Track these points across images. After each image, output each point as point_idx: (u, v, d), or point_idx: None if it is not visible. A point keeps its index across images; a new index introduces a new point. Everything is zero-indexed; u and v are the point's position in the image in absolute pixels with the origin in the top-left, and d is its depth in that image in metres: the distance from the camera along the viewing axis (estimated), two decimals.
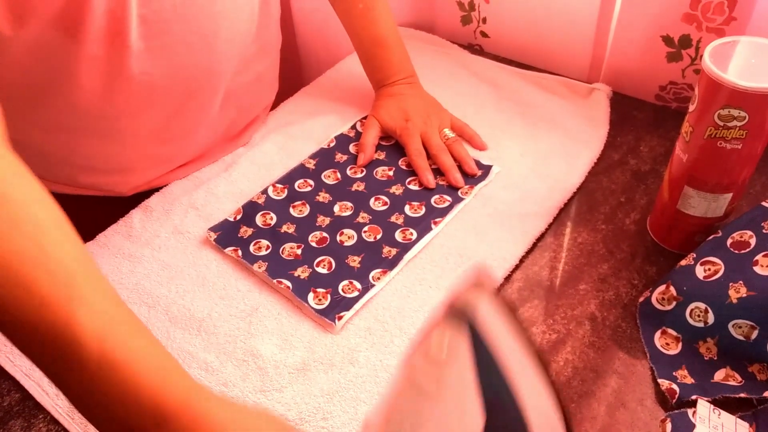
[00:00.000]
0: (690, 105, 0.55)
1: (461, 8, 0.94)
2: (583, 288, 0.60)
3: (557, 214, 0.67)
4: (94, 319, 0.34)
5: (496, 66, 0.89)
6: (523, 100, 0.82)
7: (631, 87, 0.83)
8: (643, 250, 0.63)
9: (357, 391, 0.52)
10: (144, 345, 0.37)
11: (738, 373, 0.52)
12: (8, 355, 0.57)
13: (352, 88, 0.86)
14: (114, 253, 0.65)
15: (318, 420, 0.51)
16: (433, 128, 0.75)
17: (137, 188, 0.73)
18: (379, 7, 0.77)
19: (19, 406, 0.54)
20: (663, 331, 0.55)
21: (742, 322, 0.51)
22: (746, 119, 0.51)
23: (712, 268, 0.54)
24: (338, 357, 0.55)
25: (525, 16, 0.87)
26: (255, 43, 0.71)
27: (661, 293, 0.56)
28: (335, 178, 0.72)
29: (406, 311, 0.58)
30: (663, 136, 0.76)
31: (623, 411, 0.51)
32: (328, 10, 0.81)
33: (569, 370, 0.54)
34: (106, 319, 0.35)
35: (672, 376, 0.52)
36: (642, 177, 0.71)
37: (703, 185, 0.57)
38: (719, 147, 0.53)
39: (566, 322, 0.57)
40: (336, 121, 0.81)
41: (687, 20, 0.73)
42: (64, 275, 0.34)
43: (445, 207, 0.68)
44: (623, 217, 0.67)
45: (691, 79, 0.78)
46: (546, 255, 0.64)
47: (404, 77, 0.79)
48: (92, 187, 0.72)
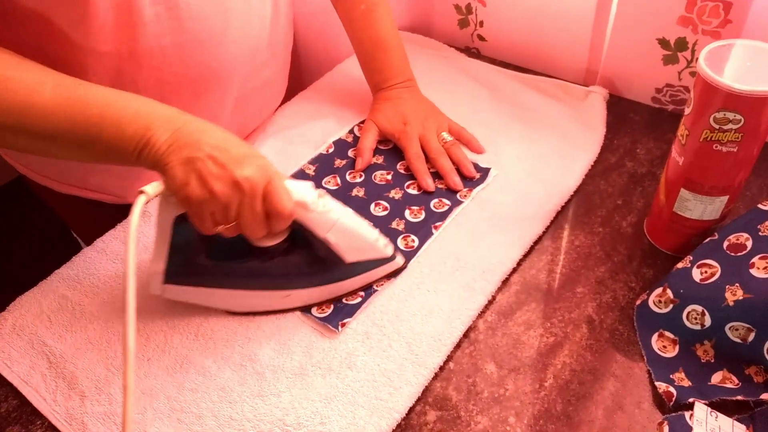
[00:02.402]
0: (686, 108, 0.55)
1: (458, 11, 0.94)
2: (580, 291, 0.60)
3: (554, 217, 0.67)
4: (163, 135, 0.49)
5: (493, 69, 0.89)
6: (520, 104, 0.82)
7: (627, 89, 0.84)
8: (640, 252, 0.63)
9: (355, 396, 0.52)
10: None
11: (735, 376, 0.52)
12: (5, 361, 0.57)
13: (350, 92, 0.86)
14: (112, 259, 0.65)
15: (316, 425, 0.51)
16: (431, 132, 0.75)
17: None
18: (381, 9, 0.77)
19: (17, 413, 0.54)
20: (660, 334, 0.55)
21: (739, 324, 0.51)
22: (742, 122, 0.51)
23: (708, 271, 0.54)
24: (336, 361, 0.55)
25: (522, 19, 0.87)
26: (267, 48, 0.71)
27: (658, 296, 0.56)
28: (335, 184, 0.72)
29: (404, 315, 0.58)
30: (659, 138, 0.77)
31: (621, 414, 0.51)
32: (327, 14, 0.81)
33: (567, 373, 0.54)
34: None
35: (669, 379, 0.52)
36: (638, 180, 0.72)
37: (699, 188, 0.57)
38: (715, 150, 0.53)
39: (564, 325, 0.58)
40: (334, 125, 0.81)
41: (683, 23, 0.73)
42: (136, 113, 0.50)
43: (445, 211, 0.68)
44: (620, 220, 0.67)
45: (687, 81, 0.78)
46: (543, 258, 0.64)
47: (402, 81, 0.79)
48: (102, 191, 0.73)
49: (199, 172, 0.48)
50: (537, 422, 0.51)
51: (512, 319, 0.58)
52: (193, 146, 0.48)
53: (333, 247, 0.55)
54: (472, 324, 0.58)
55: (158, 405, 0.53)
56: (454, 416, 0.52)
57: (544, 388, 0.53)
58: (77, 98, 0.50)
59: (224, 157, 0.48)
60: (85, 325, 0.59)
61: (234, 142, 0.51)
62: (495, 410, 0.52)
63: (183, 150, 0.48)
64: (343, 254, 0.56)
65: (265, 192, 0.50)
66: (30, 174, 0.76)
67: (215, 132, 0.50)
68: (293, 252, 0.57)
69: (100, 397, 0.54)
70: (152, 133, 0.49)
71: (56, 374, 0.56)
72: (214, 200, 0.48)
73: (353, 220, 0.57)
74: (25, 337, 0.59)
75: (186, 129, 0.49)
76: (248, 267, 0.57)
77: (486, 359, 0.55)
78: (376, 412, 0.51)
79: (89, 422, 0.52)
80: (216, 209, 0.49)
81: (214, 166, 0.48)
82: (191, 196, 0.48)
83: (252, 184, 0.49)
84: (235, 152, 0.49)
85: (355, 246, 0.56)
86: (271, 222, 0.51)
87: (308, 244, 0.56)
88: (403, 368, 0.54)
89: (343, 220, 0.55)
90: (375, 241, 0.58)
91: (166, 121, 0.49)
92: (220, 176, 0.48)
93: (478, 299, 0.59)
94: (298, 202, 0.52)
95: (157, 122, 0.49)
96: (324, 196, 0.54)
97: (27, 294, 0.63)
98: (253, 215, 0.50)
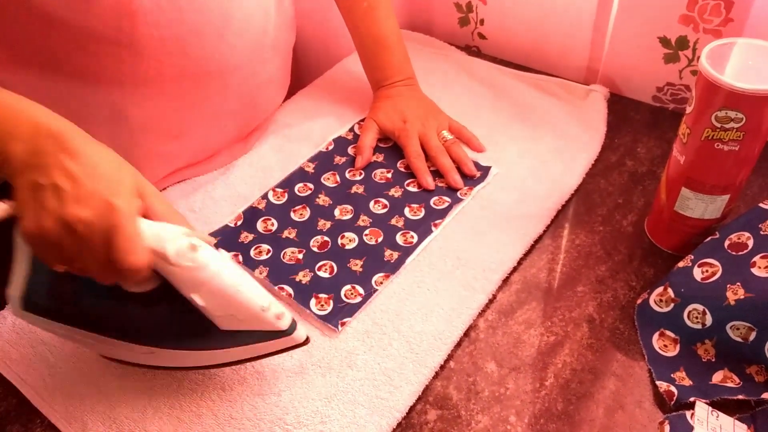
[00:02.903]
0: (687, 106, 0.55)
1: (459, 10, 0.94)
2: (581, 290, 0.60)
3: (555, 216, 0.67)
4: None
5: (493, 68, 0.89)
6: (520, 102, 0.82)
7: (628, 88, 0.83)
8: (641, 251, 0.63)
9: (355, 395, 0.52)
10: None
11: (736, 375, 0.52)
12: (5, 360, 0.57)
13: (350, 90, 0.86)
14: None
15: (316, 424, 0.51)
16: (432, 130, 0.75)
17: None
18: (383, 7, 0.77)
19: (16, 412, 0.54)
20: (661, 333, 0.55)
21: (740, 323, 0.51)
22: (743, 121, 0.51)
23: (709, 270, 0.54)
24: (336, 360, 0.55)
25: (522, 17, 0.87)
26: (269, 43, 0.71)
27: (659, 295, 0.56)
28: (334, 181, 0.72)
29: (404, 314, 0.58)
30: (660, 137, 0.77)
31: (621, 413, 0.51)
32: (327, 11, 0.81)
33: (567, 372, 0.54)
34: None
35: (670, 378, 0.52)
36: (639, 178, 0.71)
37: (700, 187, 0.57)
38: (716, 149, 0.53)
39: (564, 324, 0.57)
40: (334, 123, 0.81)
41: (684, 21, 0.73)
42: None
43: (444, 208, 0.68)
44: (621, 219, 0.67)
45: (688, 80, 0.78)
46: (544, 257, 0.64)
47: (403, 79, 0.79)
48: None
49: (39, 203, 0.41)
50: (537, 421, 0.51)
51: (513, 318, 0.58)
52: (45, 170, 0.42)
53: (201, 310, 0.46)
54: (472, 323, 0.58)
55: (157, 404, 0.53)
56: (454, 415, 0.52)
57: (544, 387, 0.53)
58: None
59: (69, 190, 0.41)
60: None
61: (100, 170, 0.43)
62: (495, 409, 0.52)
63: (33, 172, 0.42)
64: (215, 320, 0.47)
65: (108, 239, 0.42)
66: None
67: (87, 154, 0.43)
68: (164, 304, 0.48)
69: (100, 396, 0.53)
70: (10, 147, 0.42)
71: (56, 373, 0.55)
72: (43, 238, 0.42)
73: (235, 281, 0.46)
74: (24, 336, 0.58)
75: (51, 147, 0.42)
76: (111, 311, 0.49)
77: (486, 358, 0.55)
78: (377, 411, 0.51)
79: (89, 421, 0.52)
80: (49, 248, 0.43)
81: (51, 199, 0.41)
82: (24, 229, 0.42)
83: (89, 227, 0.41)
84: (86, 185, 0.42)
85: (231, 313, 0.47)
86: (118, 272, 0.43)
87: (179, 300, 0.46)
88: (404, 367, 0.54)
89: (219, 279, 0.45)
90: (261, 311, 0.47)
91: (33, 135, 0.43)
92: (52, 212, 0.41)
93: (479, 298, 0.59)
94: (156, 251, 0.43)
95: (22, 134, 0.43)
96: (198, 248, 0.44)
97: None
98: (93, 261, 0.43)
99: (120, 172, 0.45)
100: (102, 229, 0.42)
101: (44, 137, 0.43)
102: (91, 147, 0.44)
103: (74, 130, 0.44)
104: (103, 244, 0.42)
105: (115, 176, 0.44)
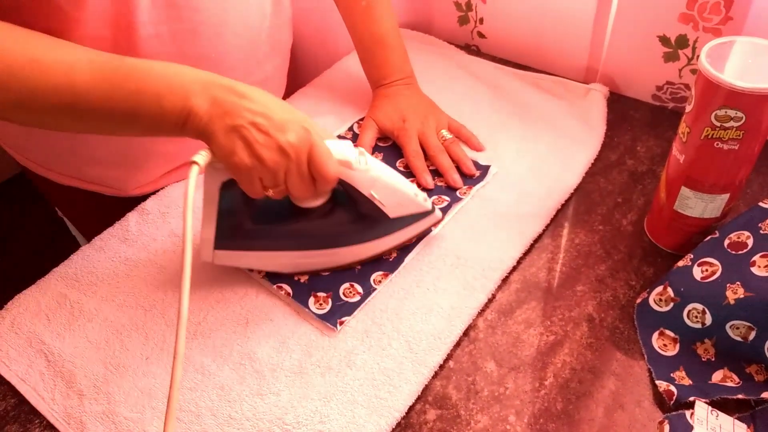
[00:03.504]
0: (687, 105, 0.55)
1: (458, 9, 0.94)
2: (580, 289, 0.60)
3: (554, 215, 0.67)
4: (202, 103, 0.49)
5: (493, 67, 0.89)
6: (520, 101, 0.82)
7: (627, 87, 0.83)
8: (641, 251, 0.63)
9: (354, 394, 0.52)
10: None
11: (736, 374, 0.52)
12: (3, 359, 0.57)
13: (349, 89, 0.86)
14: (110, 257, 0.65)
15: (315, 423, 0.51)
16: (431, 129, 0.75)
17: (142, 187, 0.73)
18: (382, 6, 0.77)
19: (15, 411, 0.54)
20: (660, 332, 0.55)
21: (740, 323, 0.51)
22: (743, 120, 0.51)
23: (709, 269, 0.54)
24: (335, 360, 0.55)
25: (522, 16, 0.87)
26: (266, 41, 0.71)
27: (659, 294, 0.56)
28: None
29: (403, 313, 0.58)
30: (660, 136, 0.76)
31: (621, 412, 0.51)
32: (326, 10, 0.81)
33: (567, 372, 0.54)
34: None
35: (670, 378, 0.52)
36: (639, 177, 0.71)
37: (700, 186, 0.57)
38: (716, 147, 0.53)
39: (564, 324, 0.57)
40: (333, 122, 0.81)
41: (683, 20, 0.73)
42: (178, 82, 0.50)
43: (444, 208, 0.67)
44: (620, 218, 0.67)
45: (687, 79, 0.78)
46: (543, 256, 0.64)
47: (402, 78, 0.79)
48: (98, 182, 0.72)
49: (245, 140, 0.49)
50: (537, 421, 0.51)
51: (512, 318, 0.58)
52: (235, 113, 0.49)
53: (377, 203, 0.57)
54: (472, 322, 0.58)
55: (157, 404, 0.53)
56: (453, 415, 0.52)
57: (544, 387, 0.53)
58: (113, 73, 0.50)
59: (267, 123, 0.49)
60: (84, 323, 0.59)
61: (275, 105, 0.51)
62: (495, 409, 0.52)
63: (225, 118, 0.49)
64: (386, 209, 0.58)
65: (309, 156, 0.51)
66: (30, 165, 0.76)
67: (255, 96, 0.51)
68: (337, 211, 0.59)
69: (99, 396, 0.53)
70: (192, 104, 0.49)
71: (54, 373, 0.55)
72: (262, 167, 0.50)
73: (393, 176, 0.58)
74: (23, 336, 0.58)
75: (225, 95, 0.50)
76: (294, 228, 0.59)
77: (486, 358, 0.55)
78: (376, 410, 0.51)
79: (87, 421, 0.52)
80: (264, 175, 0.50)
81: (258, 134, 0.49)
82: (239, 164, 0.49)
83: (296, 149, 0.50)
84: (277, 118, 0.50)
85: (397, 201, 0.58)
86: (317, 183, 0.53)
87: (352, 202, 0.57)
88: (403, 367, 0.54)
89: (384, 176, 0.57)
90: (415, 196, 0.59)
91: (204, 89, 0.49)
92: (265, 143, 0.49)
93: (478, 297, 0.59)
94: (341, 161, 0.53)
95: (195, 91, 0.49)
96: (364, 154, 0.55)
97: (25, 292, 0.62)
98: (300, 178, 0.52)
99: (288, 106, 0.52)
100: (305, 148, 0.50)
101: (215, 88, 0.50)
102: (254, 90, 0.51)
103: (229, 79, 0.51)
104: (306, 161, 0.51)
105: (289, 109, 0.52)
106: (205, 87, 0.50)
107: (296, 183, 0.52)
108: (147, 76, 0.50)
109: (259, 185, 0.51)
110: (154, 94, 0.49)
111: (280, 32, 0.74)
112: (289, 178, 0.52)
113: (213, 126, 0.49)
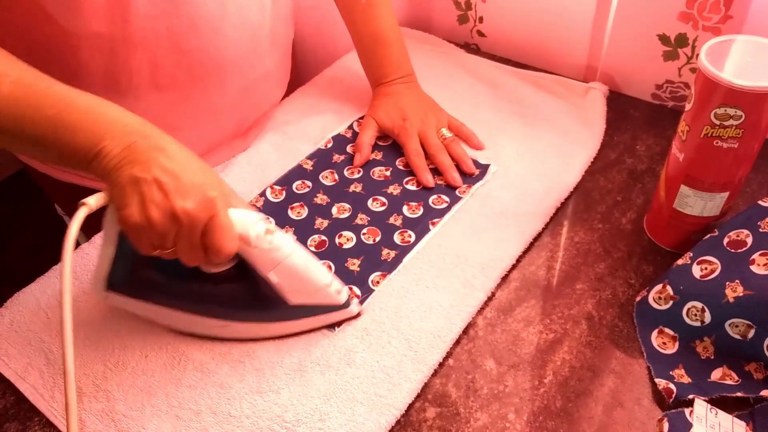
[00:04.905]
0: (686, 104, 0.55)
1: (458, 7, 0.94)
2: (580, 287, 0.60)
3: (554, 214, 0.67)
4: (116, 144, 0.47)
5: (492, 65, 0.89)
6: (519, 100, 0.82)
7: (627, 86, 0.83)
8: (640, 249, 0.63)
9: (354, 392, 0.52)
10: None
11: (735, 372, 0.52)
12: (3, 357, 0.57)
13: (349, 87, 0.86)
14: None
15: (315, 421, 0.51)
16: (431, 128, 0.75)
17: None
18: (381, 4, 0.77)
19: (14, 409, 0.54)
20: (660, 331, 0.55)
21: (739, 321, 0.51)
22: (743, 118, 0.51)
23: (708, 267, 0.54)
24: (335, 358, 0.55)
25: (522, 15, 0.87)
26: (267, 37, 0.71)
27: (658, 292, 0.56)
28: (333, 179, 0.72)
29: (403, 312, 0.58)
30: (659, 135, 0.76)
31: (620, 410, 0.51)
32: (326, 8, 0.81)
33: (566, 370, 0.54)
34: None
35: (669, 376, 0.52)
36: (638, 176, 0.71)
37: (699, 184, 0.57)
38: (716, 146, 0.53)
39: (563, 322, 0.57)
40: (333, 120, 0.81)
41: (683, 19, 0.73)
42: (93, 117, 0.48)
43: (443, 208, 0.67)
44: (620, 217, 0.67)
45: (687, 77, 0.78)
46: (543, 254, 0.64)
47: (402, 76, 0.79)
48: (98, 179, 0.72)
49: (142, 196, 0.46)
50: (536, 419, 0.51)
51: (511, 316, 0.58)
52: (144, 165, 0.46)
53: (275, 287, 0.52)
54: (471, 320, 0.58)
55: (156, 401, 0.53)
56: (453, 413, 0.52)
57: (543, 385, 0.53)
58: (37, 95, 0.48)
59: (171, 184, 0.46)
60: (83, 321, 0.59)
61: (191, 168, 0.48)
62: (494, 407, 0.52)
63: (133, 167, 0.46)
64: (286, 295, 0.53)
65: (206, 226, 0.47)
66: (30, 162, 0.76)
67: (176, 154, 0.48)
68: (237, 282, 0.54)
69: (98, 394, 0.53)
70: (105, 144, 0.47)
71: (54, 371, 0.55)
72: (150, 227, 0.46)
73: (304, 261, 0.53)
74: (22, 334, 0.58)
75: (143, 144, 0.47)
76: (190, 289, 0.55)
77: (485, 356, 0.55)
78: (375, 408, 0.51)
79: (87, 419, 0.52)
80: (151, 236, 0.47)
81: (157, 193, 0.46)
82: (128, 219, 0.46)
83: (192, 217, 0.46)
84: (185, 180, 0.47)
85: (300, 288, 0.53)
86: (209, 255, 0.49)
87: (252, 278, 0.53)
88: (402, 365, 0.54)
89: (291, 259, 0.52)
90: (325, 286, 0.54)
91: (123, 133, 0.47)
92: (160, 204, 0.46)
93: (478, 296, 0.59)
94: (240, 235, 0.49)
95: (112, 132, 0.47)
96: (273, 233, 0.51)
97: (25, 290, 0.62)
98: (190, 247, 0.48)
99: (206, 168, 0.50)
100: (202, 219, 0.47)
101: (135, 135, 0.47)
102: (175, 146, 0.49)
103: (157, 129, 0.49)
104: (201, 231, 0.47)
105: (204, 172, 0.49)
106: (126, 131, 0.47)
107: (186, 250, 0.48)
108: (69, 106, 0.48)
109: (147, 243, 0.48)
110: (70, 125, 0.47)
111: (281, 26, 0.74)
112: (178, 244, 0.48)
113: (118, 172, 0.46)
